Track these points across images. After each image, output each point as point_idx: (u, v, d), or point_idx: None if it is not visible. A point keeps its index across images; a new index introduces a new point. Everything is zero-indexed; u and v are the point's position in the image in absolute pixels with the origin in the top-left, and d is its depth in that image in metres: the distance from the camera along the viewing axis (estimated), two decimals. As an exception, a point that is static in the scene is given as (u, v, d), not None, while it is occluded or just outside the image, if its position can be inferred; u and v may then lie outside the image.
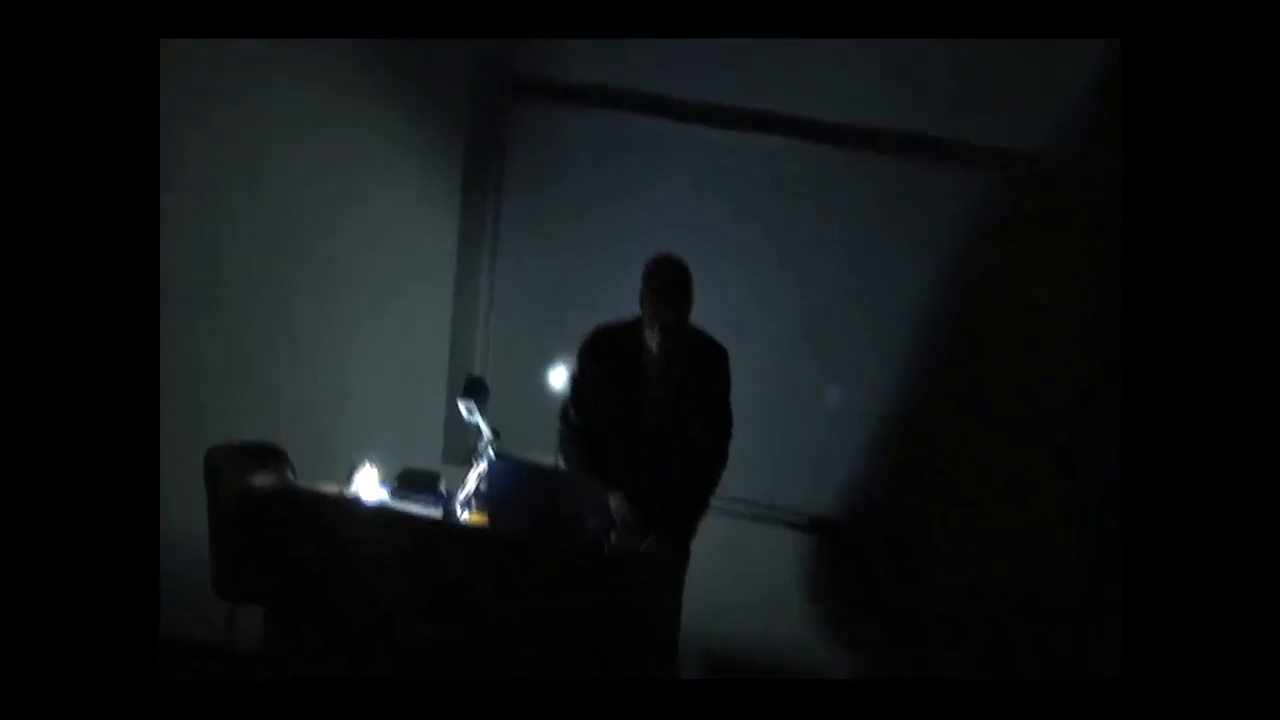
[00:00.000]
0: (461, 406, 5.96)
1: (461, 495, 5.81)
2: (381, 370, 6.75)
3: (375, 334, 6.75)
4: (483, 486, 5.79)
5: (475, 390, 5.96)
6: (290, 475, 6.14)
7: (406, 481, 5.90)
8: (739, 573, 6.37)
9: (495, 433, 5.96)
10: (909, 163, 6.31)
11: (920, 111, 6.26)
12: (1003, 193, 6.26)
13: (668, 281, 5.65)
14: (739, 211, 6.45)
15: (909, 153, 6.30)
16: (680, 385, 5.73)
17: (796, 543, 6.56)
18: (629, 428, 5.78)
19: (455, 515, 5.76)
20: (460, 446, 6.49)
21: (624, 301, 6.18)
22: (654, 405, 5.76)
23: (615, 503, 5.70)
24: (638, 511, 5.68)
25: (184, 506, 5.96)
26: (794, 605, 6.53)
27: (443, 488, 5.89)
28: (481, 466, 5.82)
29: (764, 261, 6.40)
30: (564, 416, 5.91)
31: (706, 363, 5.79)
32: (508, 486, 5.67)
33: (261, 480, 6.07)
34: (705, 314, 5.83)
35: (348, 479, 5.90)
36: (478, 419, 5.96)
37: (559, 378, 6.14)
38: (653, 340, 5.70)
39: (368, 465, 5.94)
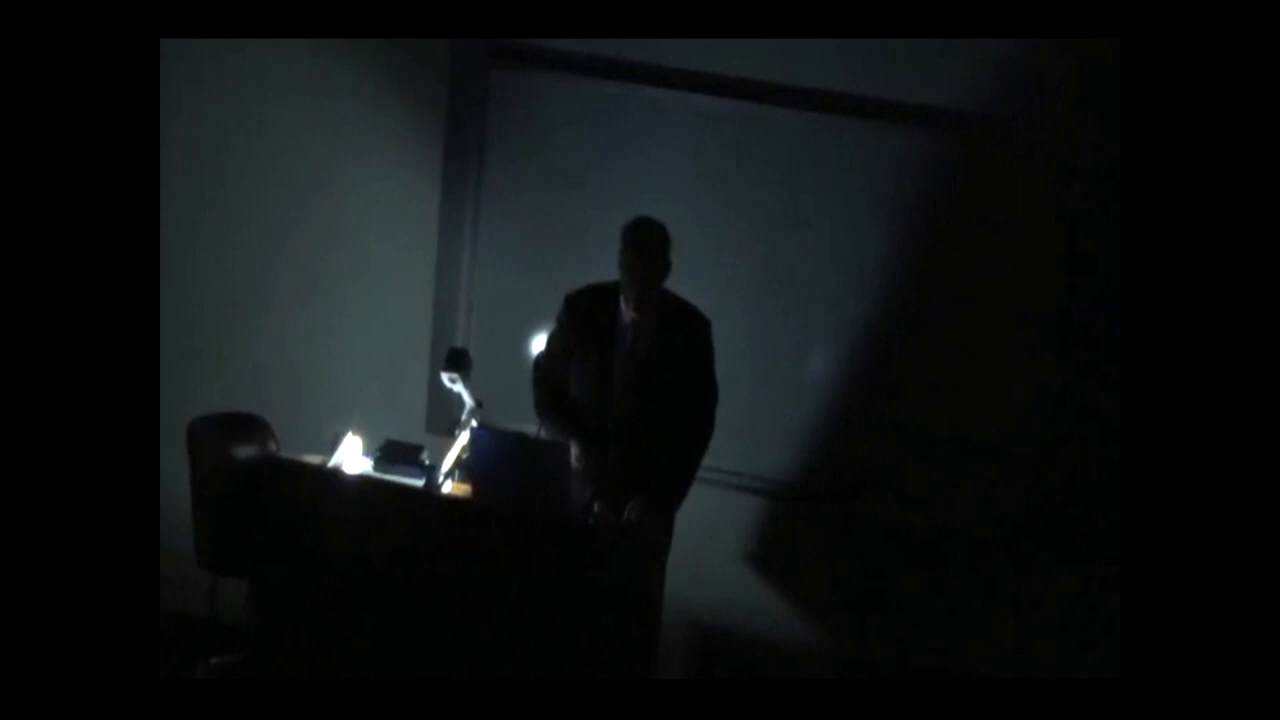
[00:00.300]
0: (445, 378, 5.96)
1: (445, 466, 5.82)
2: (365, 341, 6.73)
3: (358, 305, 6.72)
4: (466, 457, 5.81)
5: (458, 361, 5.95)
6: (273, 446, 6.13)
7: (390, 452, 5.90)
8: (718, 542, 6.42)
9: (478, 403, 5.97)
10: (892, 130, 6.30)
11: (904, 79, 6.24)
12: (985, 161, 6.27)
13: (645, 241, 5.59)
14: (721, 179, 6.43)
15: (892, 120, 6.29)
16: (658, 351, 5.71)
17: (776, 512, 6.61)
18: (603, 391, 5.78)
19: (438, 486, 5.78)
20: (443, 417, 6.51)
21: (606, 270, 6.16)
22: (628, 369, 5.74)
23: (574, 452, 5.68)
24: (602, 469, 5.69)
25: (167, 478, 5.94)
26: (773, 574, 6.59)
27: (425, 458, 5.90)
28: (465, 437, 5.83)
29: (744, 229, 6.40)
30: (536, 378, 5.92)
31: (687, 331, 5.76)
32: (490, 457, 5.66)
33: (244, 451, 6.04)
34: (684, 281, 5.84)
35: (331, 450, 5.90)
36: (461, 390, 5.97)
37: (541, 347, 6.15)
38: (629, 302, 5.67)
39: (351, 436, 5.95)
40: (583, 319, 5.77)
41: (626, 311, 5.69)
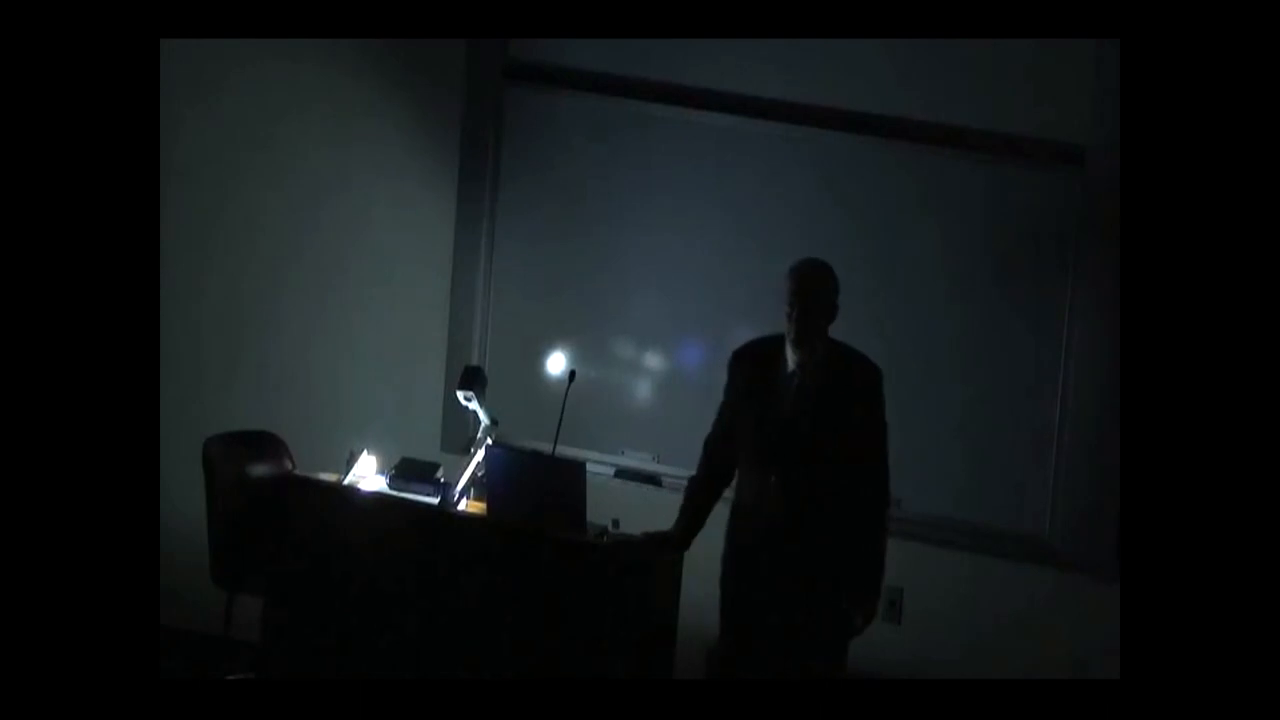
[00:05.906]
0: (460, 396, 5.98)
1: (460, 484, 5.83)
2: (380, 359, 6.73)
3: (373, 322, 6.73)
4: (481, 475, 5.81)
5: (473, 380, 5.97)
6: (289, 464, 6.16)
7: (405, 470, 5.91)
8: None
9: (494, 421, 5.98)
10: (911, 147, 6.28)
11: (924, 98, 6.24)
12: (999, 173, 6.25)
13: (809, 275, 5.33)
14: (738, 198, 6.42)
15: (907, 138, 6.27)
16: (821, 399, 5.31)
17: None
18: (764, 438, 5.39)
19: (453, 504, 5.78)
20: (459, 435, 6.52)
21: (620, 288, 6.23)
22: (790, 421, 5.34)
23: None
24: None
25: (182, 495, 5.99)
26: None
27: (441, 476, 5.91)
28: (480, 455, 5.84)
29: (759, 248, 6.38)
30: (706, 445, 5.60)
31: (853, 381, 5.35)
32: (506, 475, 5.67)
33: (260, 469, 6.09)
34: (700, 302, 5.81)
35: (347, 467, 5.92)
36: (476, 408, 5.98)
37: (557, 365, 6.15)
38: (789, 341, 5.34)
39: (366, 454, 5.97)
40: (748, 370, 5.47)
41: (791, 358, 5.36)
